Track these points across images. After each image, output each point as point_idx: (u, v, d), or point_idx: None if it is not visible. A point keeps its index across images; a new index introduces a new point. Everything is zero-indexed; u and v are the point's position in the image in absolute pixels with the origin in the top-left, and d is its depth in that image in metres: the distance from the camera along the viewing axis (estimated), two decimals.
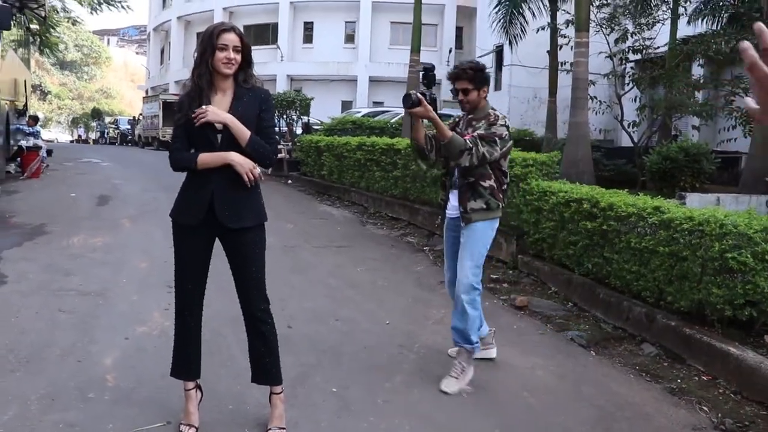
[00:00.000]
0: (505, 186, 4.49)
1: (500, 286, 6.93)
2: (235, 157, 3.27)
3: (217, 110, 3.28)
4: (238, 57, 3.31)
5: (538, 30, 16.54)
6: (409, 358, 4.77)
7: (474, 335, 4.38)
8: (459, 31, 34.77)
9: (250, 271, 3.45)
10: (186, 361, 3.60)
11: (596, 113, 14.27)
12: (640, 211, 5.50)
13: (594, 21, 13.68)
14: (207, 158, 3.30)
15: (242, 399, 3.89)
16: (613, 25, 14.27)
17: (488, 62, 25.57)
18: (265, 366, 3.55)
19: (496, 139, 4.25)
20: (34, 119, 17.35)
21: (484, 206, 4.33)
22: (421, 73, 4.17)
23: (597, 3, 13.98)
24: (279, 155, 14.45)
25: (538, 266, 7.11)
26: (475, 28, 29.27)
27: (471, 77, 4.31)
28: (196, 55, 3.37)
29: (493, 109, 4.42)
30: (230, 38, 3.28)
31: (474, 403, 4.09)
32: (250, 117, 3.35)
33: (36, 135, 15.99)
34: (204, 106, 3.26)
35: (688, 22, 13.97)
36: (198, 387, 3.63)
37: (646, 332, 5.28)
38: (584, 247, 6.24)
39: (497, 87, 25.34)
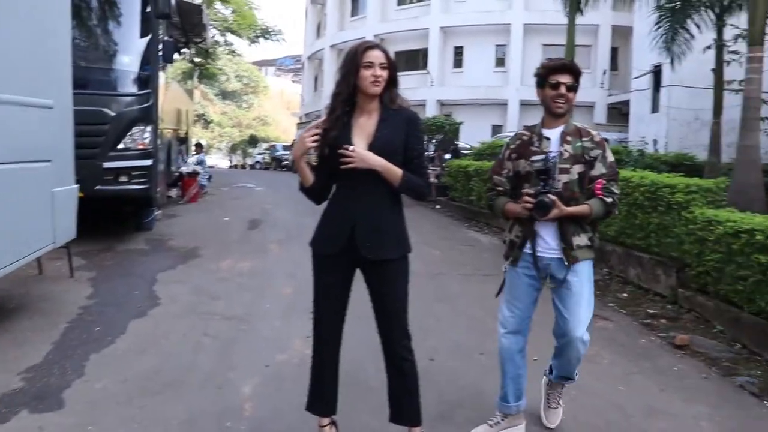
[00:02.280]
0: None
1: (658, 322, 6.40)
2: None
3: (366, 156, 3.08)
4: (385, 74, 3.12)
5: (704, 49, 15.55)
6: None
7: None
8: (614, 51, 33.54)
9: (392, 305, 3.28)
10: (321, 396, 3.46)
11: None
12: None
13: None
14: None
15: None
16: None
17: (645, 83, 24.50)
18: (403, 405, 3.38)
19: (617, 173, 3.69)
20: (199, 146, 18.27)
21: (589, 243, 3.62)
22: (536, 168, 3.48)
23: None
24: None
25: (701, 302, 6.51)
26: (631, 47, 28.09)
27: (577, 72, 3.58)
28: (338, 75, 3.21)
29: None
30: (376, 55, 3.11)
31: None
32: (396, 141, 3.16)
33: (202, 163, 16.83)
34: (352, 149, 3.07)
35: None
36: (333, 423, 3.50)
37: None
38: (756, 282, 5.62)
39: (654, 109, 24.14)
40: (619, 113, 31.17)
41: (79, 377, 4.42)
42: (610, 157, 3.60)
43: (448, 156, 18.87)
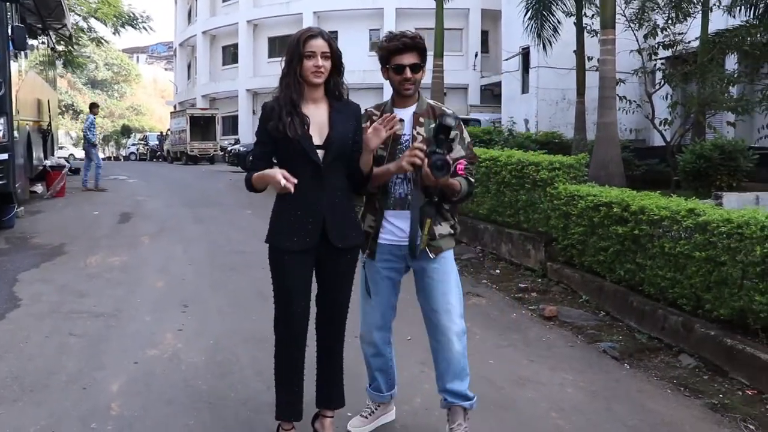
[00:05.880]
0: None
1: (528, 296, 6.64)
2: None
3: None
4: (328, 64, 3.07)
5: (572, 24, 16.16)
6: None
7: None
8: (485, 34, 34.41)
9: (345, 292, 3.32)
10: (293, 401, 3.31)
11: (626, 112, 13.87)
12: (673, 214, 5.19)
13: (623, 16, 13.30)
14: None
15: None
16: (642, 20, 13.85)
17: (515, 65, 25.29)
18: (333, 389, 3.42)
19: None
20: (94, 106, 16.93)
21: (451, 231, 3.41)
22: (432, 127, 3.25)
23: None
24: None
25: (568, 274, 6.80)
26: (501, 30, 28.92)
27: (423, 48, 3.29)
28: (283, 63, 3.13)
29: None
30: (318, 44, 3.05)
31: (499, 425, 3.81)
32: (349, 135, 3.14)
33: (92, 126, 15.81)
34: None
35: (729, 12, 13.47)
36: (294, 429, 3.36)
37: (683, 342, 4.97)
38: (616, 252, 5.93)
39: (524, 90, 24.99)
40: (491, 94, 32.09)
41: None
42: (468, 138, 3.44)
43: None
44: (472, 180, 3.37)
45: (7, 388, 4.13)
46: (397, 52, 3.24)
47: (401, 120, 3.30)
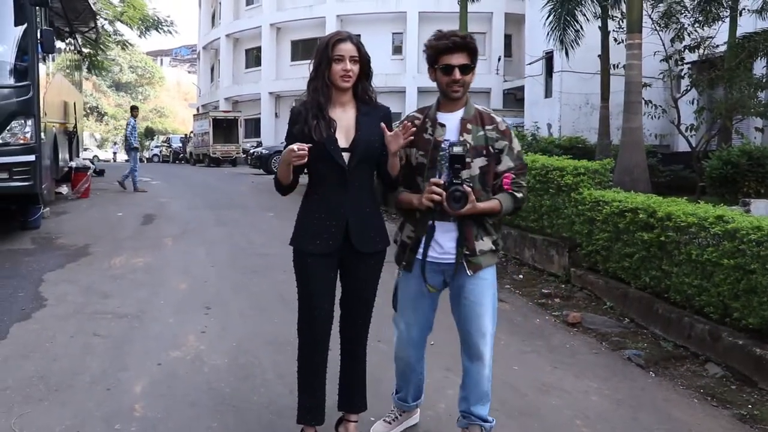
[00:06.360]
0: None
1: (552, 302, 6.59)
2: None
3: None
4: (356, 68, 3.08)
5: (597, 29, 16.07)
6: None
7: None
8: (508, 38, 34.26)
9: (369, 296, 3.32)
10: (315, 405, 3.30)
11: (651, 117, 13.76)
12: (701, 220, 5.12)
13: (649, 19, 13.16)
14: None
15: None
16: (669, 22, 13.72)
17: (538, 69, 25.14)
18: (356, 393, 3.42)
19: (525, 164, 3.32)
20: (134, 109, 17.15)
21: (493, 247, 3.23)
22: (447, 155, 3.07)
23: (650, 2, 13.47)
24: None
25: (591, 280, 6.73)
26: (524, 34, 28.81)
27: (473, 50, 3.13)
28: (311, 67, 3.14)
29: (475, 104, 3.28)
30: (346, 48, 3.06)
31: None
32: (376, 139, 3.11)
33: (134, 130, 16.05)
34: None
35: (760, 14, 13.31)
36: None
37: (710, 351, 4.90)
38: (641, 259, 5.86)
39: (547, 94, 24.84)
40: (514, 98, 31.95)
41: None
42: (518, 147, 3.23)
43: None
44: (519, 195, 3.18)
45: (33, 387, 4.15)
46: (446, 51, 3.08)
47: (442, 125, 3.15)
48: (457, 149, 3.00)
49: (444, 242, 3.16)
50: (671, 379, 4.69)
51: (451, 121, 3.17)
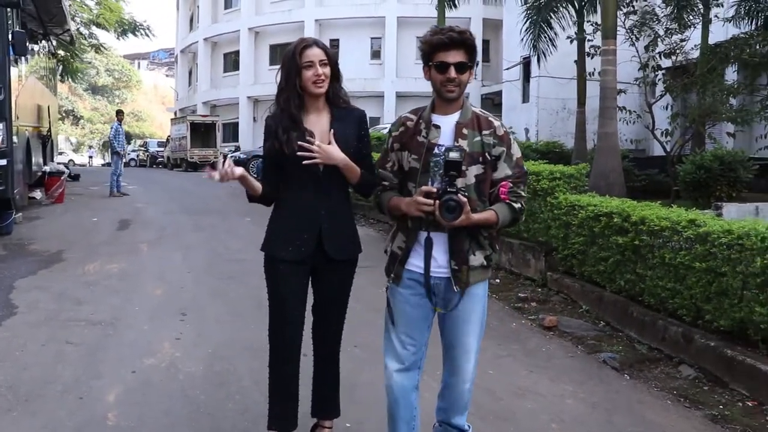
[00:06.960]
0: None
1: (528, 306, 6.62)
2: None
3: (330, 150, 2.99)
4: (327, 71, 3.05)
5: (569, 39, 16.23)
6: None
7: None
8: (485, 44, 34.41)
9: (341, 303, 3.31)
10: (286, 412, 3.27)
11: (626, 123, 13.88)
12: (674, 224, 5.18)
13: (622, 27, 13.30)
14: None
15: None
16: (642, 29, 13.88)
17: (515, 74, 25.30)
18: (328, 399, 3.42)
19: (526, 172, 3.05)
20: (120, 113, 17.24)
21: (485, 263, 2.92)
22: (442, 161, 2.79)
23: (625, 10, 13.62)
24: None
25: (567, 283, 6.78)
26: (502, 40, 29.00)
27: (471, 47, 2.83)
28: (279, 77, 3.09)
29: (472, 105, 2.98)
30: (314, 53, 3.03)
31: None
32: (351, 140, 3.11)
33: (118, 134, 16.01)
34: (317, 143, 2.97)
35: (731, 22, 13.52)
36: None
37: (683, 353, 4.95)
38: (616, 263, 5.91)
39: (525, 99, 25.01)
40: (492, 103, 32.07)
41: None
42: (517, 153, 2.95)
43: None
44: (517, 206, 2.90)
45: (1, 397, 4.10)
46: (442, 47, 2.80)
47: (437, 126, 2.89)
48: (453, 155, 2.74)
49: (438, 255, 2.88)
50: (646, 381, 4.73)
51: (446, 124, 2.90)
